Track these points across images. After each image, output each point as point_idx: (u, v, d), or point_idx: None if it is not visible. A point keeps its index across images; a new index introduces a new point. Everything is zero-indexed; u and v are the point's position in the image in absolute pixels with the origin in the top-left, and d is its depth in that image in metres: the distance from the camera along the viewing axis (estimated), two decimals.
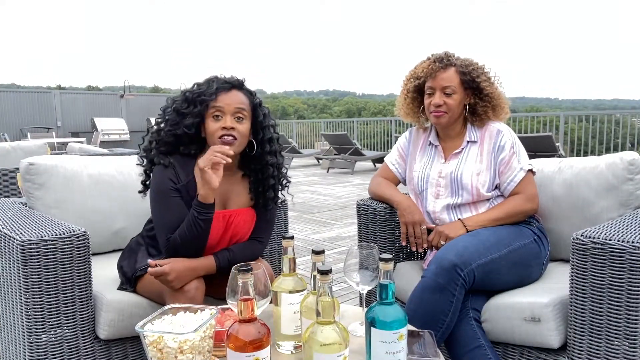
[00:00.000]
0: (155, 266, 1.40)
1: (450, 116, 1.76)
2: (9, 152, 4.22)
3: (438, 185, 1.79)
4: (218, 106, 1.49)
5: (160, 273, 1.38)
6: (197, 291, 1.42)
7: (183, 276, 1.40)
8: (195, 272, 1.44)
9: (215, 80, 1.53)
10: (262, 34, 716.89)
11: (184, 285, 1.41)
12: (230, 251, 1.53)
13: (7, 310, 1.51)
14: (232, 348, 0.96)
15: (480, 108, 1.77)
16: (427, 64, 1.79)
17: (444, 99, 1.74)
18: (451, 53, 1.81)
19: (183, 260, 1.43)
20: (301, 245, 4.02)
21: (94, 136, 12.34)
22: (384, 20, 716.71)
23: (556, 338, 1.41)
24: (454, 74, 1.75)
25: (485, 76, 1.78)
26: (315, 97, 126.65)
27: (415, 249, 1.76)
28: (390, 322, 0.98)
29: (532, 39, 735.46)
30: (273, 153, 1.59)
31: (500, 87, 1.82)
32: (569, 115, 9.70)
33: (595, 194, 1.72)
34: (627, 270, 1.25)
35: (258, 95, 1.59)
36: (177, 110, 1.52)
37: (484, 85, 1.76)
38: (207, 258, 1.49)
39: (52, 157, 1.95)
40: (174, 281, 1.39)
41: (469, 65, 1.77)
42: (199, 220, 1.42)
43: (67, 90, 21.34)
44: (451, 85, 1.74)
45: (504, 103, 1.81)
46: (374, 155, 10.06)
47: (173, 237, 1.45)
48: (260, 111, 1.56)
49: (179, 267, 1.40)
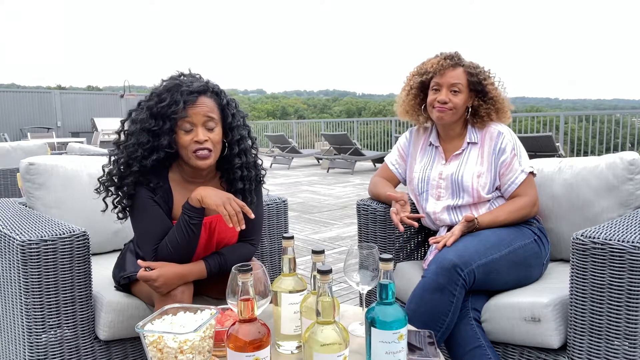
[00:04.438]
0: (145, 268, 1.37)
1: (453, 114, 1.76)
2: (9, 152, 4.22)
3: (439, 187, 1.79)
4: (188, 120, 1.39)
5: (148, 279, 1.36)
6: (184, 295, 1.39)
7: (171, 282, 1.38)
8: (184, 279, 1.41)
9: (178, 92, 1.39)
10: (262, 34, 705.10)
11: (171, 290, 1.38)
12: (221, 255, 1.49)
13: (7, 310, 1.51)
14: (232, 348, 0.96)
15: (483, 110, 1.77)
16: (437, 60, 1.78)
17: (450, 96, 1.74)
18: (459, 53, 1.82)
19: (173, 265, 1.40)
20: (301, 245, 4.02)
21: (94, 136, 12.33)
22: (384, 20, 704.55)
23: (556, 338, 1.41)
24: (462, 73, 1.76)
25: (490, 80, 1.79)
26: (315, 97, 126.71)
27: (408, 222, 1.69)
28: (390, 322, 0.98)
29: (532, 39, 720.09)
30: (242, 153, 1.51)
31: (504, 92, 1.82)
32: (569, 115, 9.70)
33: (595, 194, 1.72)
34: (627, 270, 1.25)
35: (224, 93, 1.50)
36: (146, 129, 1.39)
37: (489, 89, 1.76)
38: (197, 263, 1.45)
39: (52, 157, 1.96)
40: (161, 287, 1.36)
41: (476, 67, 1.78)
42: (191, 225, 1.39)
43: (67, 90, 21.34)
44: (459, 83, 1.74)
45: (507, 108, 1.81)
46: (374, 155, 10.06)
47: (161, 245, 1.41)
48: (228, 111, 1.48)
49: (168, 274, 1.37)
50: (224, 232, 1.51)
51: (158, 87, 1.44)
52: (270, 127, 16.81)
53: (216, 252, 1.50)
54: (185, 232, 1.39)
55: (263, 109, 67.31)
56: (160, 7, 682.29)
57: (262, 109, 67.03)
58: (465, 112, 1.80)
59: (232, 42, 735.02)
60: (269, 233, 2.05)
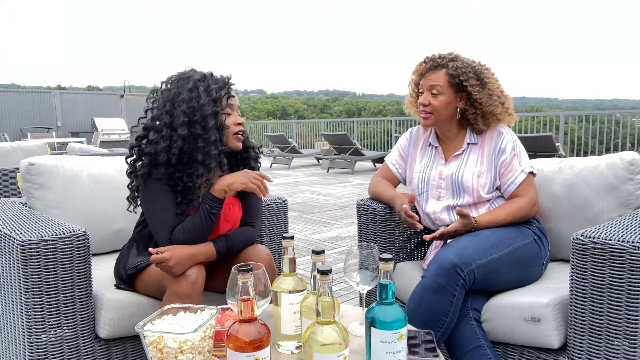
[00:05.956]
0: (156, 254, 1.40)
1: (436, 117, 1.76)
2: (9, 152, 4.22)
3: (439, 187, 1.79)
4: (232, 103, 1.56)
5: (161, 260, 1.39)
6: (198, 276, 1.42)
7: (184, 262, 1.41)
8: (195, 259, 1.45)
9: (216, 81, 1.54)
10: (262, 34, 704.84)
11: (185, 271, 1.42)
12: (228, 237, 1.56)
13: (7, 310, 1.51)
14: (232, 348, 0.97)
15: (470, 115, 1.75)
16: (420, 64, 1.81)
17: (430, 98, 1.75)
18: (454, 54, 1.78)
19: (183, 247, 1.45)
20: (301, 245, 4.02)
21: (94, 136, 12.34)
22: (384, 20, 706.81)
23: (556, 338, 1.41)
24: (443, 75, 1.74)
25: (475, 81, 1.72)
26: (315, 97, 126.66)
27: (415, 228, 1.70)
28: (390, 322, 0.98)
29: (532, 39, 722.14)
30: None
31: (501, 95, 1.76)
32: (569, 115, 9.70)
33: (596, 194, 1.72)
34: (627, 270, 1.25)
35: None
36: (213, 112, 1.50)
37: (470, 90, 1.71)
38: (207, 245, 1.50)
39: (52, 157, 1.96)
40: (174, 267, 1.39)
41: (462, 67, 1.72)
42: (211, 214, 1.48)
43: (67, 90, 21.36)
44: (437, 85, 1.74)
45: (499, 113, 1.74)
46: (374, 155, 10.06)
47: (177, 229, 1.47)
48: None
49: (180, 254, 1.41)
50: (229, 216, 1.60)
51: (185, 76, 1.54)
52: (270, 127, 16.81)
53: (223, 235, 1.57)
54: (204, 220, 1.48)
55: (263, 109, 67.32)
56: (160, 7, 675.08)
57: (262, 109, 67.04)
58: (455, 113, 1.78)
59: (232, 42, 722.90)
60: (269, 233, 2.05)
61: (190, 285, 1.39)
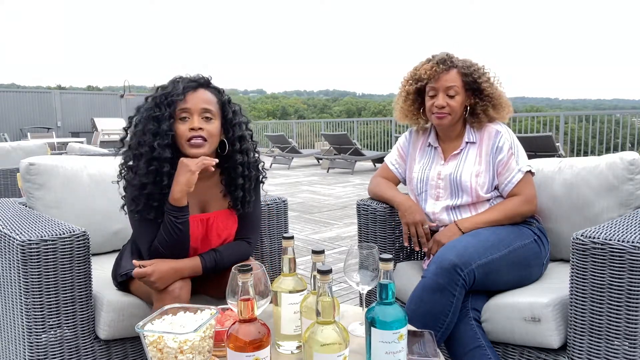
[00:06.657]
0: (139, 267, 1.37)
1: (452, 117, 1.76)
2: (9, 152, 4.21)
3: (437, 187, 1.79)
4: (185, 107, 1.42)
5: (143, 275, 1.36)
6: (182, 290, 1.39)
7: (166, 277, 1.38)
8: (180, 273, 1.41)
9: (180, 80, 1.46)
10: (262, 34, 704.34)
11: (168, 286, 1.39)
12: (217, 252, 1.50)
13: (7, 310, 1.51)
14: (232, 348, 0.96)
15: (479, 108, 1.77)
16: (430, 66, 1.77)
17: (447, 100, 1.74)
18: (451, 54, 1.80)
19: (168, 261, 1.41)
20: (301, 245, 4.02)
21: (94, 136, 12.33)
22: (384, 20, 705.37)
23: (556, 338, 1.41)
24: (457, 75, 1.75)
25: (485, 77, 1.78)
26: (315, 97, 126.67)
27: (418, 248, 1.77)
28: (390, 322, 0.98)
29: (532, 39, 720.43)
30: (244, 151, 1.53)
31: (500, 87, 1.81)
32: (569, 115, 9.70)
33: (596, 194, 1.72)
34: (627, 270, 1.25)
35: (227, 93, 1.54)
36: (151, 117, 1.42)
37: (484, 86, 1.75)
38: (193, 259, 1.46)
39: (52, 157, 1.95)
40: (157, 282, 1.36)
41: (470, 66, 1.77)
42: (177, 224, 1.40)
43: (67, 90, 21.35)
44: (454, 86, 1.74)
45: (505, 103, 1.80)
46: (374, 155, 10.06)
47: (153, 246, 1.43)
48: (229, 108, 1.51)
49: (163, 269, 1.37)
50: (220, 228, 1.53)
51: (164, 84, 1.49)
52: (270, 127, 16.81)
53: (213, 249, 1.51)
54: (172, 232, 1.40)
55: (263, 109, 67.32)
56: (160, 7, 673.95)
57: (262, 109, 67.04)
58: (463, 112, 1.80)
59: (232, 42, 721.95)
60: (269, 233, 2.05)
61: (173, 301, 1.34)
